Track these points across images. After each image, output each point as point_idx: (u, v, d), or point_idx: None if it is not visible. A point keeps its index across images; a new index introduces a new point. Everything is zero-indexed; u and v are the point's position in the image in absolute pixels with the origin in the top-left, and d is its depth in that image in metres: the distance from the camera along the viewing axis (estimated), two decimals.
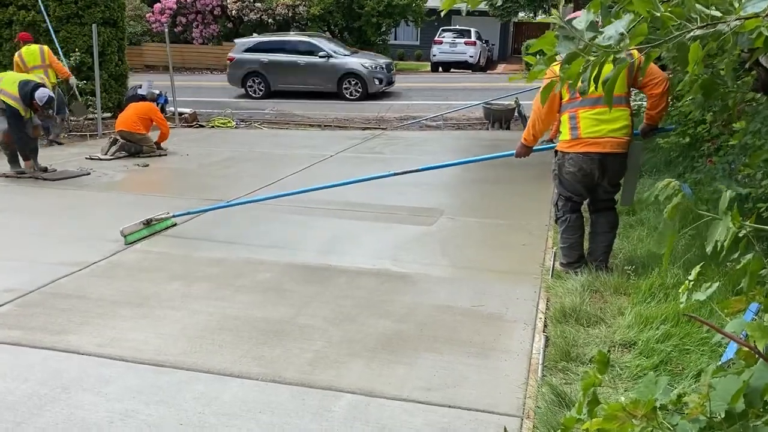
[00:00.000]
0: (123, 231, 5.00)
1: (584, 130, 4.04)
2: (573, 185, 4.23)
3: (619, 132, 4.03)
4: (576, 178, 4.17)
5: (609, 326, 3.50)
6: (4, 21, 12.24)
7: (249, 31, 26.53)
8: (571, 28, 1.33)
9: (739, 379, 1.06)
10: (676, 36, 1.27)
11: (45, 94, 7.18)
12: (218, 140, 10.91)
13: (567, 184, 4.26)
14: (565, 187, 4.29)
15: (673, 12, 1.25)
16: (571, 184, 4.24)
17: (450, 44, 27.16)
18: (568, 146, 4.14)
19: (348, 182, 5.80)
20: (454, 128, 13.01)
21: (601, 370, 1.38)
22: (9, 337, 3.44)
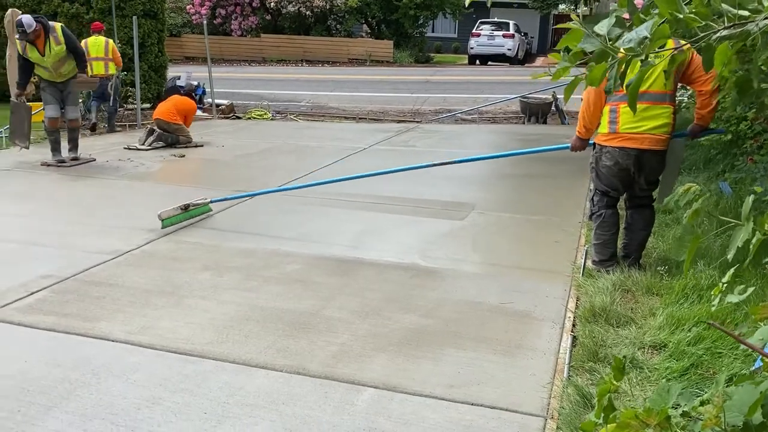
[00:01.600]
0: (160, 215, 5.12)
1: (623, 124, 3.98)
2: (609, 179, 4.17)
3: (658, 130, 3.96)
4: (612, 172, 4.11)
5: (639, 327, 3.42)
6: (49, 12, 12.55)
7: (287, 23, 26.72)
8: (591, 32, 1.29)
9: (756, 390, 1.02)
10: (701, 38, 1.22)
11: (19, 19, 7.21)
12: (254, 132, 11.02)
13: (603, 178, 4.21)
14: (602, 181, 4.24)
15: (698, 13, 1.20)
16: (607, 178, 4.18)
17: (488, 37, 26.90)
18: (606, 139, 4.10)
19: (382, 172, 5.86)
20: (489, 122, 12.89)
21: (617, 376, 1.34)
22: (44, 322, 3.53)
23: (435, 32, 33.61)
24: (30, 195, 6.41)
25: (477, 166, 7.87)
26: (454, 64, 27.28)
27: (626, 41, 1.23)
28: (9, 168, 7.55)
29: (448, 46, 33.44)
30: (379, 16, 27.54)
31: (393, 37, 27.27)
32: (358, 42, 27.07)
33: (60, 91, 7.65)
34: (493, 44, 26.88)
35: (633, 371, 2.99)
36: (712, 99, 3.92)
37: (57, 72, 7.46)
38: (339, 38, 26.91)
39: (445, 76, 20.98)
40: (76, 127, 7.93)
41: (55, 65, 7.41)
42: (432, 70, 23.72)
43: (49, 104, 7.61)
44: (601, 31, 1.29)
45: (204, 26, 14.20)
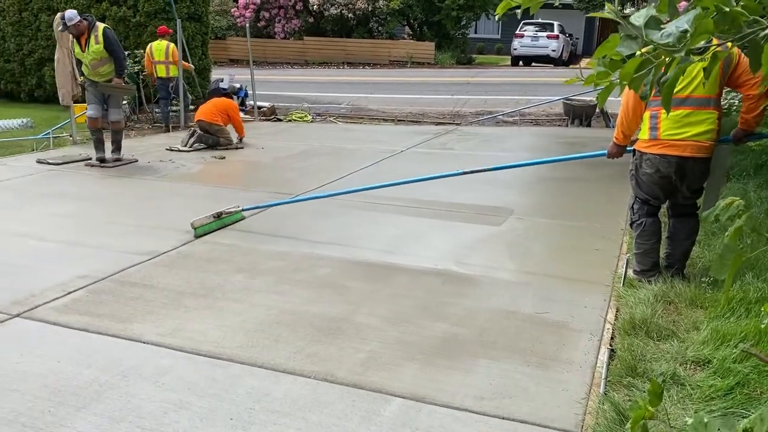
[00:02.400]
0: (193, 223, 5.13)
1: (664, 131, 3.83)
2: (649, 187, 4.03)
3: (702, 136, 3.79)
4: (652, 180, 3.97)
5: (681, 341, 3.27)
6: (97, 16, 12.86)
7: (330, 25, 26.86)
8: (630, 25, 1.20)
9: None
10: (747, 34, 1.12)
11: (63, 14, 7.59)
12: (293, 134, 11.07)
13: (643, 186, 4.06)
14: (642, 189, 4.09)
15: (746, 7, 1.10)
16: (647, 186, 4.04)
17: (532, 38, 26.53)
18: (646, 146, 3.95)
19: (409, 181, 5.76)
20: (531, 124, 12.68)
21: (654, 401, 1.25)
22: (78, 322, 3.57)
23: (478, 33, 33.32)
24: (73, 195, 6.55)
25: (516, 169, 7.72)
26: (496, 66, 26.99)
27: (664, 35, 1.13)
28: (54, 168, 7.74)
29: (491, 47, 33.11)
30: (421, 17, 27.44)
31: (435, 38, 27.13)
32: (400, 44, 27.03)
33: (102, 93, 7.81)
34: (537, 45, 26.50)
35: (674, 388, 2.85)
36: (759, 103, 3.73)
37: (95, 71, 7.66)
38: (380, 40, 26.91)
39: (487, 77, 20.75)
40: (119, 129, 8.08)
41: (93, 63, 7.61)
42: (473, 71, 23.51)
43: (90, 104, 7.81)
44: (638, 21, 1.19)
45: (247, 29, 14.35)
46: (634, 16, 1.23)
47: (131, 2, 12.67)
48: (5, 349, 3.26)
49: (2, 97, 14.80)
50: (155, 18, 12.64)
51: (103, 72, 7.68)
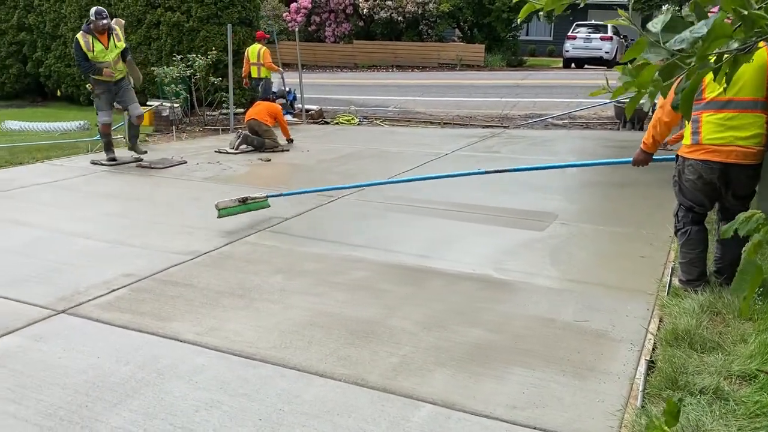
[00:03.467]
0: (218, 205, 5.36)
1: (706, 135, 3.69)
2: (693, 194, 3.91)
3: (748, 141, 3.63)
4: (696, 186, 3.85)
5: (727, 354, 3.13)
6: (153, 21, 13.27)
7: (379, 29, 26.96)
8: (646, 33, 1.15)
9: None
10: None
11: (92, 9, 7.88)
12: (339, 137, 11.15)
13: (687, 193, 3.94)
14: (685, 196, 3.97)
15: None
16: (691, 193, 3.92)
17: (584, 39, 26.02)
18: (688, 152, 3.84)
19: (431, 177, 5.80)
20: (581, 127, 12.41)
21: (670, 422, 1.19)
22: (120, 319, 3.67)
23: (529, 35, 32.92)
24: (122, 195, 6.74)
25: (561, 173, 7.59)
26: (547, 68, 26.58)
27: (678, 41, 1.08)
28: (106, 169, 8.00)
29: (542, 49, 32.65)
30: (471, 20, 27.26)
31: (485, 40, 26.91)
32: (449, 46, 26.90)
33: (114, 93, 8.10)
34: (590, 47, 25.96)
35: (716, 403, 2.73)
36: None
37: (115, 67, 7.96)
38: (430, 43, 26.86)
39: (537, 79, 20.46)
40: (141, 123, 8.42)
41: (115, 60, 7.96)
42: (524, 73, 23.21)
43: (103, 110, 8.10)
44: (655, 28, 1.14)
45: (296, 33, 14.54)
46: (651, 23, 1.18)
47: (185, 8, 12.99)
48: (50, 344, 3.38)
49: (63, 100, 15.41)
50: (207, 23, 12.93)
51: (121, 68, 8.04)
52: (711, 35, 1.05)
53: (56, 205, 6.27)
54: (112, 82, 8.05)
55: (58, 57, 14.85)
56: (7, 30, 15.28)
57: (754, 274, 1.07)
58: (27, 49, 15.30)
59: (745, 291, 1.11)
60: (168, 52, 12.90)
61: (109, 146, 8.29)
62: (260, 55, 12.11)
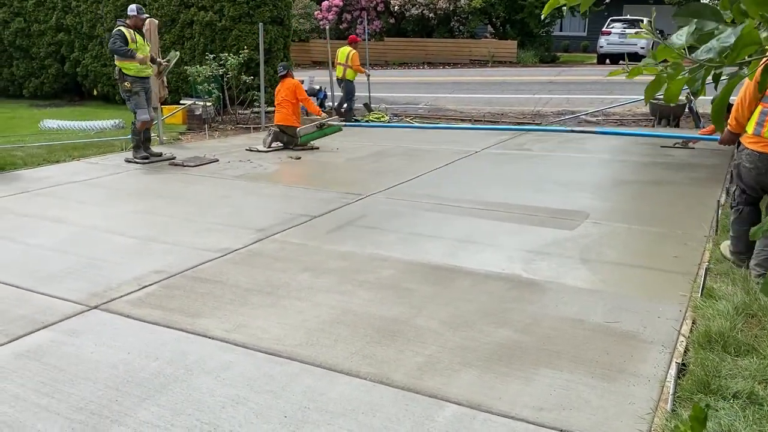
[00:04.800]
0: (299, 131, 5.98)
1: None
2: (748, 180, 4.23)
3: None
4: (751, 174, 4.17)
5: (762, 358, 3.04)
6: (186, 21, 13.45)
7: (410, 26, 26.90)
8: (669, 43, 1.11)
9: None
10: None
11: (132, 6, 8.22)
12: (369, 135, 11.14)
13: (744, 179, 4.26)
14: (742, 180, 4.30)
15: None
16: (748, 179, 4.24)
17: (619, 35, 25.54)
18: (749, 141, 4.15)
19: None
20: (615, 124, 12.22)
21: (696, 428, 1.15)
22: (150, 315, 3.73)
23: (563, 31, 32.49)
24: (155, 193, 6.85)
25: (593, 171, 7.48)
26: (581, 64, 26.19)
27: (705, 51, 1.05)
28: (140, 167, 8.14)
29: (576, 45, 32.18)
30: (503, 16, 27.03)
31: (518, 36, 26.65)
32: (481, 43, 26.71)
33: (146, 91, 8.28)
34: (625, 42, 25.48)
35: (750, 408, 2.66)
36: None
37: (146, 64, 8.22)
38: (461, 39, 26.70)
39: (571, 76, 20.17)
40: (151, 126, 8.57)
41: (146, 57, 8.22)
42: (557, 70, 22.91)
43: (143, 107, 8.25)
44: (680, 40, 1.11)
45: (327, 31, 14.58)
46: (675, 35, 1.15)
47: (217, 7, 13.13)
48: (82, 339, 3.45)
49: (99, 100, 15.72)
50: (239, 22, 13.05)
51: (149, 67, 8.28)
52: (740, 43, 1.01)
53: (91, 202, 6.40)
54: (147, 78, 8.24)
55: (95, 57, 15.14)
56: (45, 31, 15.64)
57: None
58: (65, 49, 15.63)
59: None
60: (201, 51, 13.06)
61: (147, 142, 8.44)
62: (349, 57, 12.63)
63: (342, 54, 12.79)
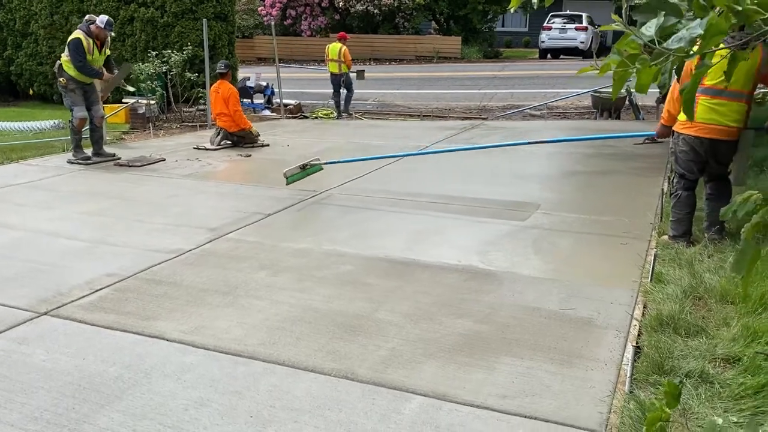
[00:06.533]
0: (285, 173, 6.05)
1: (699, 115, 4.36)
2: (686, 163, 4.62)
3: (731, 123, 4.39)
4: (688, 156, 4.58)
5: (711, 338, 3.18)
6: (126, 17, 13.08)
7: (355, 22, 26.85)
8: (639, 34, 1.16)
9: None
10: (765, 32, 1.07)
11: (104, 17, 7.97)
12: (319, 131, 11.10)
13: (681, 162, 4.65)
14: (679, 165, 4.67)
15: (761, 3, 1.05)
16: (684, 162, 4.62)
17: (559, 30, 26.21)
18: (683, 128, 4.57)
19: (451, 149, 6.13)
20: (559, 118, 12.53)
21: (671, 403, 1.20)
22: (104, 320, 3.62)
23: (505, 27, 33.02)
24: (101, 194, 6.64)
25: (542, 163, 7.65)
26: (524, 59, 26.72)
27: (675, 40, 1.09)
28: (83, 168, 7.88)
29: (518, 40, 32.78)
30: (447, 12, 27.29)
31: (461, 33, 26.96)
32: (426, 39, 26.90)
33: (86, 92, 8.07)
34: (565, 37, 26.16)
35: (702, 386, 2.77)
36: None
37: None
38: (406, 36, 26.82)
39: (514, 71, 20.55)
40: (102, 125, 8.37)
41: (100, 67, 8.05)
42: (500, 65, 23.30)
43: (78, 105, 8.02)
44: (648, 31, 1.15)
45: (272, 27, 14.43)
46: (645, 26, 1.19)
47: (159, 3, 12.82)
48: (33, 347, 3.32)
49: (36, 99, 15.13)
50: (182, 18, 12.78)
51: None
52: (708, 33, 1.06)
53: (34, 205, 6.16)
54: (87, 83, 7.99)
55: (30, 55, 14.55)
56: None
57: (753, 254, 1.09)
58: None
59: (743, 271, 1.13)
60: (142, 48, 12.73)
61: (80, 144, 8.19)
62: (341, 53, 12.84)
63: (333, 50, 12.97)
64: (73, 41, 7.76)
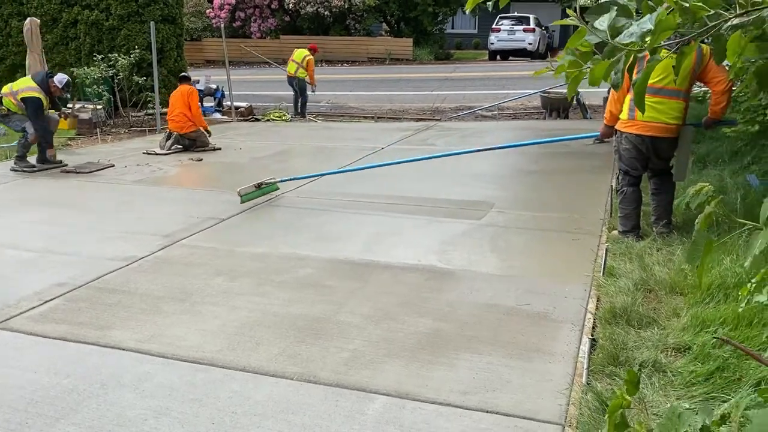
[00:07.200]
0: (240, 191, 5.79)
1: (639, 114, 4.42)
2: (629, 160, 4.74)
3: (670, 121, 4.53)
4: (631, 154, 4.71)
5: (662, 328, 3.29)
6: (69, 20, 12.69)
7: (306, 23, 26.73)
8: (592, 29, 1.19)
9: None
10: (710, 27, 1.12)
11: (63, 77, 7.88)
12: (272, 134, 11.01)
13: (624, 159, 4.77)
14: (623, 162, 4.79)
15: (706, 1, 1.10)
16: (627, 159, 4.75)
17: (508, 32, 26.59)
18: (625, 126, 4.69)
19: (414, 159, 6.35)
20: (510, 118, 12.73)
21: (631, 390, 1.24)
22: (55, 331, 3.51)
23: (455, 29, 33.34)
24: (48, 202, 6.44)
25: (496, 163, 7.77)
26: (474, 61, 27.04)
27: (627, 35, 1.13)
28: (29, 176, 7.62)
29: (468, 42, 33.14)
30: (398, 14, 27.41)
31: (412, 34, 27.11)
32: (378, 41, 26.97)
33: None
34: (514, 39, 26.56)
35: (655, 375, 2.87)
36: (723, 98, 4.46)
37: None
38: (358, 37, 26.84)
39: (465, 72, 20.79)
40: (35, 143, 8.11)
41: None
42: (452, 66, 23.54)
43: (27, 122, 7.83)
44: (602, 26, 1.19)
45: (222, 30, 14.24)
46: (598, 21, 1.23)
47: (103, 6, 12.49)
48: None
49: None
50: (128, 21, 12.48)
51: None
52: (658, 28, 1.10)
53: None
54: None
55: None
56: None
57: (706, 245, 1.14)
58: None
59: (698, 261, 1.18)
60: (87, 51, 12.38)
61: (26, 155, 7.91)
62: (304, 60, 12.98)
63: (299, 54, 13.07)
64: (33, 101, 7.62)
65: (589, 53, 1.48)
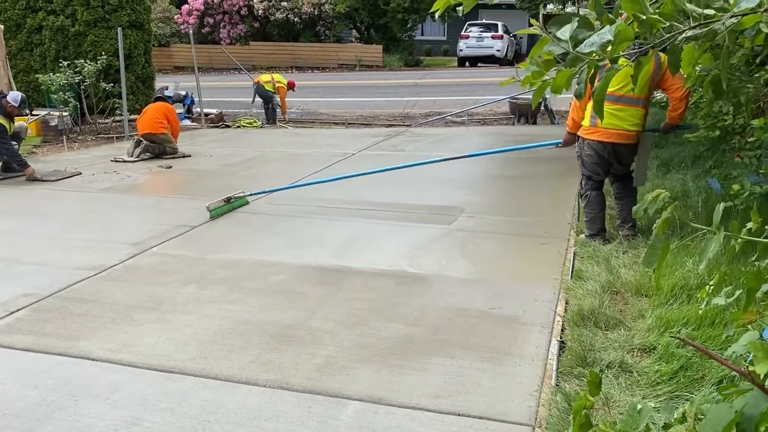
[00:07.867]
0: (209, 206, 5.69)
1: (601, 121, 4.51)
2: (592, 166, 4.85)
3: (630, 127, 4.66)
4: (593, 159, 4.82)
5: (628, 330, 3.37)
6: (34, 26, 12.48)
7: (276, 30, 26.66)
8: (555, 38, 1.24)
9: (731, 409, 0.97)
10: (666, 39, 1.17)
11: (16, 95, 7.70)
12: (242, 140, 10.96)
13: (587, 165, 4.88)
14: (586, 167, 4.90)
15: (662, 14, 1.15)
16: (590, 165, 4.85)
17: (476, 38, 26.89)
18: (587, 133, 4.80)
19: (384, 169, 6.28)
20: (479, 124, 12.86)
21: (593, 391, 1.29)
22: (23, 342, 3.45)
23: (424, 35, 33.56)
24: (14, 211, 6.33)
25: (466, 168, 7.84)
26: (443, 67, 27.26)
27: (588, 44, 1.18)
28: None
29: (437, 48, 33.40)
30: (367, 21, 27.50)
31: (382, 41, 27.23)
32: (348, 47, 27.02)
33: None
34: (482, 46, 26.86)
35: (622, 376, 2.94)
36: (681, 104, 4.62)
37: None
38: (328, 44, 26.86)
39: (435, 79, 20.96)
40: None
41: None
42: (422, 73, 23.71)
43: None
44: (563, 36, 1.24)
45: (191, 35, 14.14)
46: (560, 31, 1.28)
47: (69, 11, 12.30)
48: None
49: None
50: (95, 27, 12.31)
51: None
52: (617, 38, 1.15)
53: None
54: None
55: None
56: None
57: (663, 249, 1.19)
58: None
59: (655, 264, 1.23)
60: (53, 58, 12.17)
61: None
62: (278, 83, 13.08)
63: (277, 77, 13.30)
64: None
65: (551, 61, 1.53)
